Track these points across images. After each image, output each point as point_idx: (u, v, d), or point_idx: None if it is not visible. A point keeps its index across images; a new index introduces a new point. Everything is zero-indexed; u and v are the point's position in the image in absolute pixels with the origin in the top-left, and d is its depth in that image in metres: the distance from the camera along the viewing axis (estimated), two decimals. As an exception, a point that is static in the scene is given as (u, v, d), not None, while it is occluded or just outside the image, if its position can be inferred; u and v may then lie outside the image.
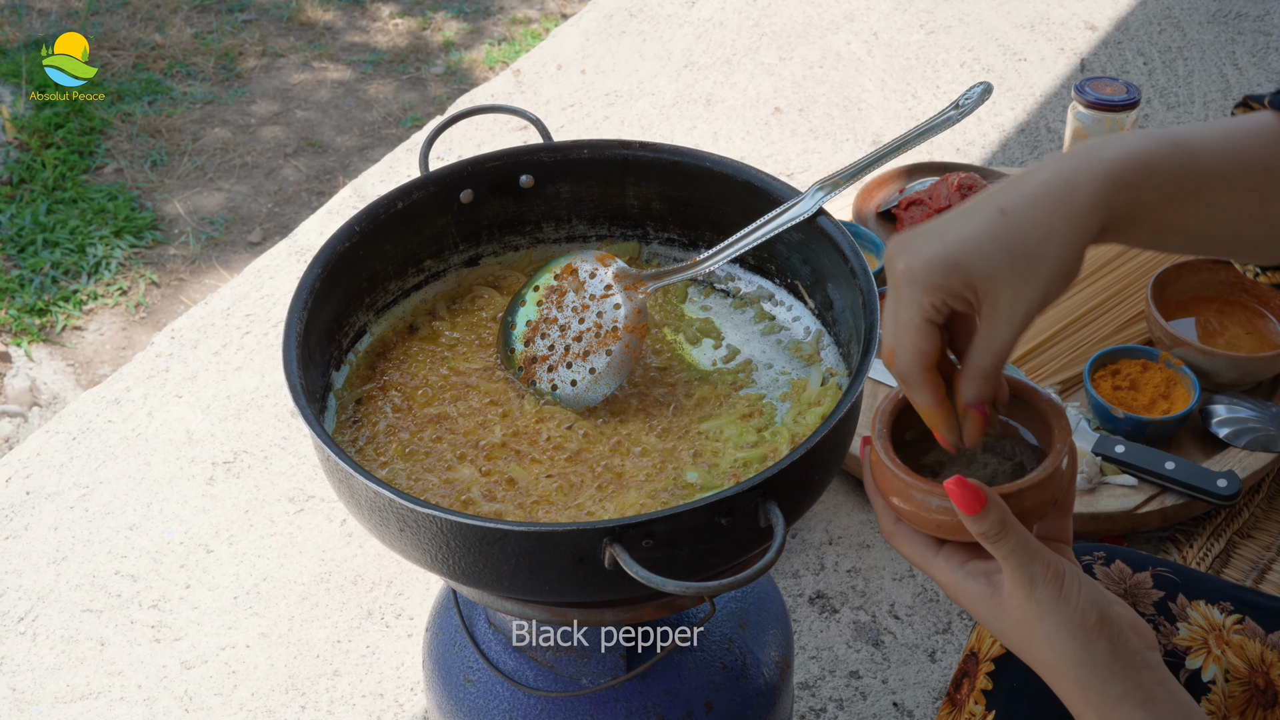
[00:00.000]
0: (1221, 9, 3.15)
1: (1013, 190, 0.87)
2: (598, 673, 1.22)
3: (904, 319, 0.89)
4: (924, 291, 0.87)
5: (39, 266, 2.93)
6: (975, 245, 0.86)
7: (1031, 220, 0.86)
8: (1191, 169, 0.88)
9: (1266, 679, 1.10)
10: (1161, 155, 0.87)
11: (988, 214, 0.86)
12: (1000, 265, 0.86)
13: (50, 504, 2.04)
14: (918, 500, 0.90)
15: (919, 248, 0.87)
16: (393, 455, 1.12)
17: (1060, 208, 0.86)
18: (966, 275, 0.86)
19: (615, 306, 1.15)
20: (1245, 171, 0.89)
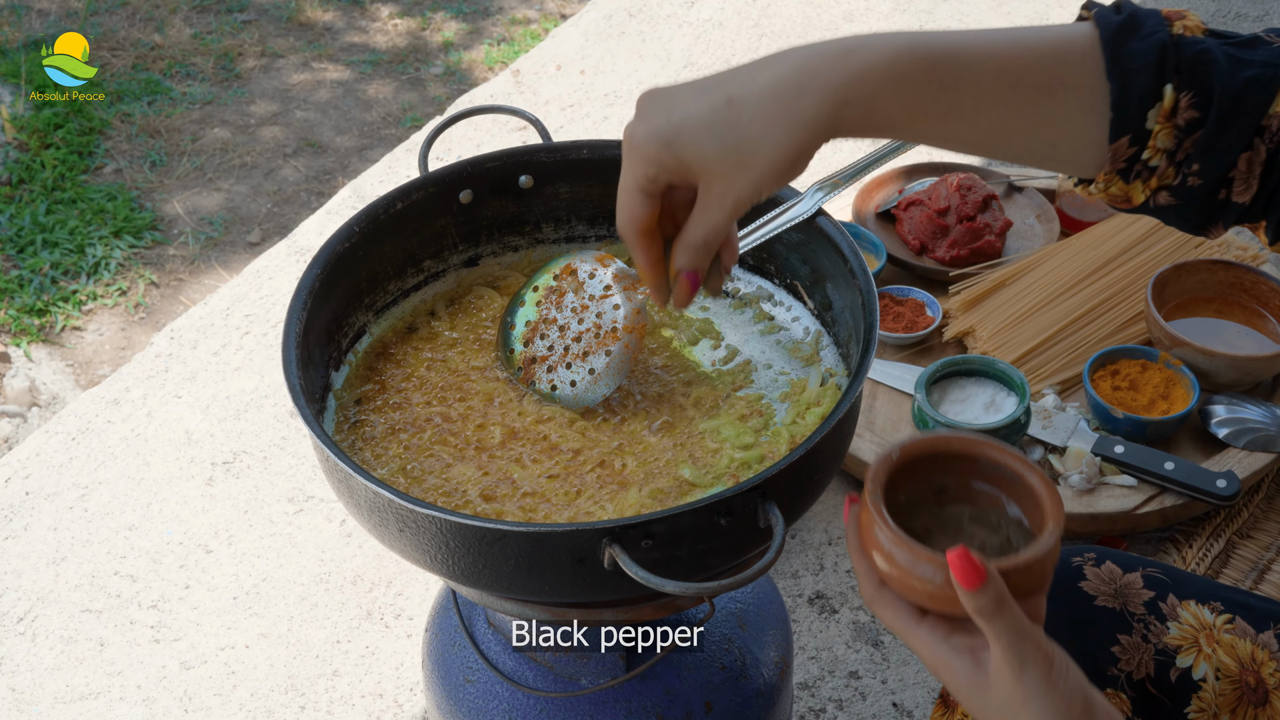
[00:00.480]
0: (1220, 9, 3.15)
1: (746, 79, 0.87)
2: (597, 673, 1.22)
3: (624, 183, 0.92)
4: (639, 163, 0.89)
5: (38, 267, 2.93)
6: (693, 130, 0.87)
7: (752, 118, 0.86)
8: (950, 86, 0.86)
9: (1257, 677, 1.10)
10: (915, 69, 0.85)
11: (715, 101, 0.87)
12: (713, 155, 0.87)
13: (49, 504, 2.04)
14: (910, 567, 0.88)
15: (648, 114, 0.89)
16: (392, 455, 1.12)
17: (785, 112, 0.85)
18: (680, 156, 0.87)
19: (614, 307, 1.15)
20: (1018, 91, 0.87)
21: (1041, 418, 1.93)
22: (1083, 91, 0.87)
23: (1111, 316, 2.09)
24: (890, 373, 2.04)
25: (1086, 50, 0.87)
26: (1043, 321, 2.08)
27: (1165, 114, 0.87)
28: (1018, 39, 0.88)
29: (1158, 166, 0.89)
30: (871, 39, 0.86)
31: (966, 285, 2.15)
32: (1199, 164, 0.88)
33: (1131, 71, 0.86)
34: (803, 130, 0.86)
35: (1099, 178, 0.91)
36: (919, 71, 0.86)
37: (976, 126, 0.89)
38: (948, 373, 1.93)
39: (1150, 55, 0.86)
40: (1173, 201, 0.91)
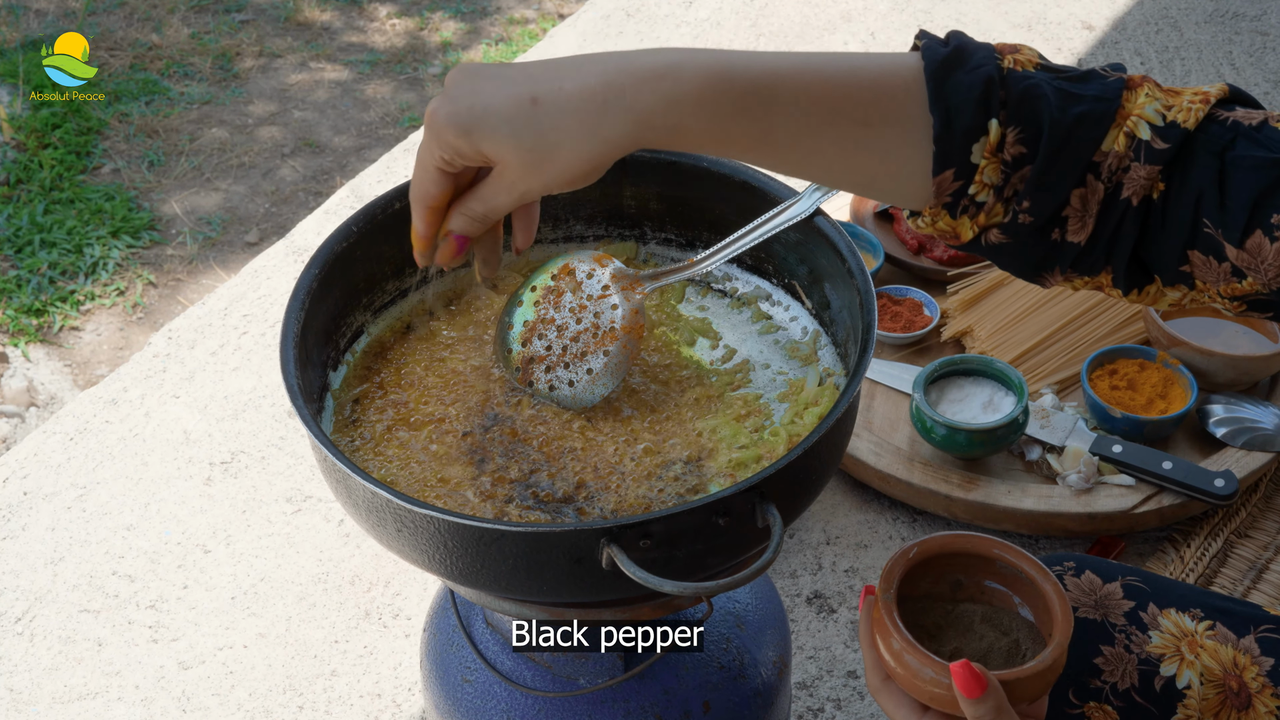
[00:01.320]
0: (1218, 9, 3.15)
1: (554, 81, 0.86)
2: (595, 673, 1.22)
3: (421, 158, 0.92)
4: (438, 144, 0.90)
5: (36, 267, 2.93)
6: (493, 123, 0.87)
7: (553, 124, 0.86)
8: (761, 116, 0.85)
9: (1240, 681, 1.11)
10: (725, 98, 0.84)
11: (520, 97, 0.86)
12: (509, 150, 0.87)
13: (48, 504, 2.04)
14: (915, 669, 0.91)
15: (454, 96, 0.89)
16: (390, 455, 1.12)
17: (585, 126, 0.85)
18: (476, 143, 0.88)
19: (613, 307, 1.15)
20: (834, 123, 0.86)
21: (1039, 417, 1.93)
22: (904, 125, 0.86)
23: (1109, 316, 2.09)
24: (888, 372, 2.04)
25: (910, 82, 0.86)
26: (1041, 321, 2.08)
27: (991, 148, 0.85)
28: (840, 68, 0.86)
29: (985, 202, 0.87)
30: (685, 61, 0.85)
31: (964, 285, 2.16)
32: (1029, 200, 0.86)
33: (955, 106, 0.85)
34: (601, 146, 0.86)
35: (925, 211, 0.90)
36: (730, 100, 0.85)
37: (790, 156, 0.88)
38: (946, 372, 1.93)
39: (975, 89, 0.85)
40: (1004, 239, 0.89)
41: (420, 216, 0.96)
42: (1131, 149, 0.85)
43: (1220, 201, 0.83)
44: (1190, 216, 0.85)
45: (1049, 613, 0.95)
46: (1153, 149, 0.84)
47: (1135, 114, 0.85)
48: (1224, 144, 0.84)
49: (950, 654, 0.97)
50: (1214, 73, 2.93)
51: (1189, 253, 0.86)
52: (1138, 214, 0.86)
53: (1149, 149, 0.84)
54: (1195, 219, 0.85)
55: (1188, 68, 2.95)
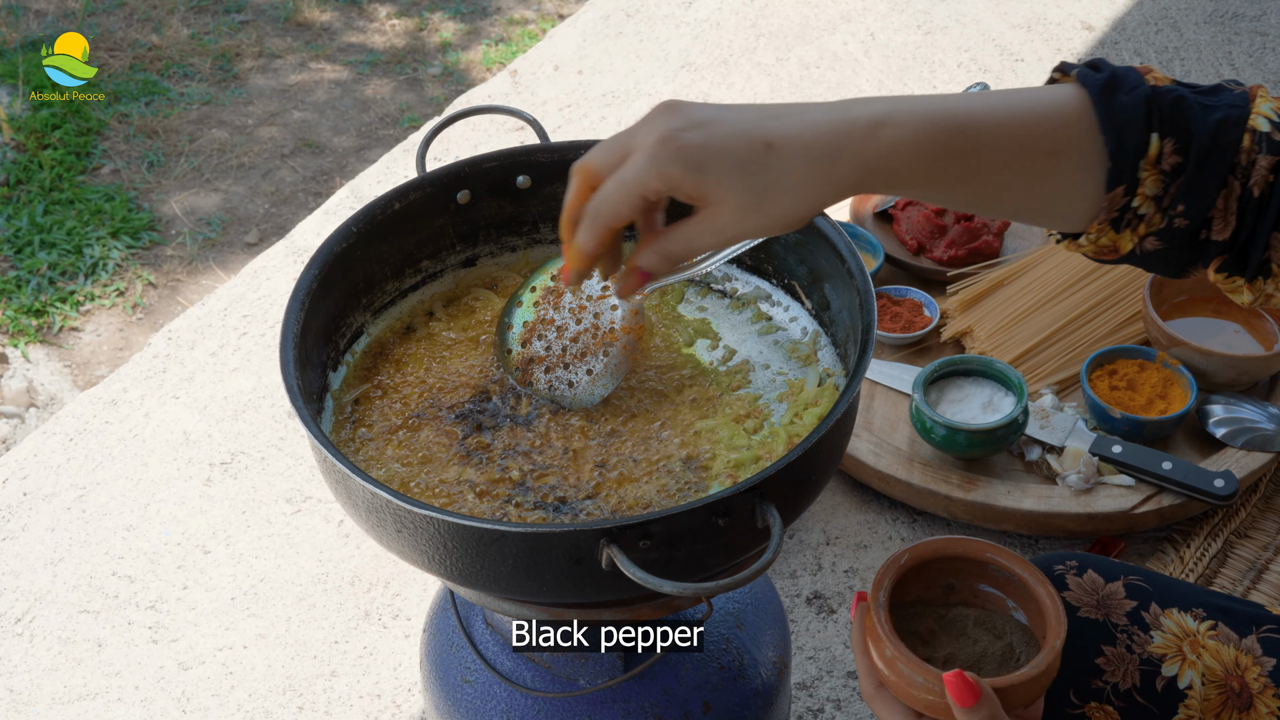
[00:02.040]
0: (1218, 9, 3.15)
1: (788, 129, 0.88)
2: (595, 673, 1.22)
3: (626, 180, 0.90)
4: (657, 175, 0.88)
5: (36, 267, 2.93)
6: (725, 164, 0.87)
7: (786, 169, 0.87)
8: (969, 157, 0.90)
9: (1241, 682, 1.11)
10: (940, 144, 0.89)
11: (754, 140, 0.87)
12: (736, 190, 0.87)
13: (47, 505, 2.04)
14: (908, 677, 0.91)
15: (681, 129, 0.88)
16: (390, 456, 1.12)
17: (819, 172, 0.87)
18: (701, 181, 0.87)
19: (612, 308, 1.15)
20: (1029, 157, 0.91)
21: (1039, 417, 1.93)
22: (1082, 149, 0.91)
23: (1109, 316, 2.09)
24: (888, 373, 2.04)
25: (1079, 109, 0.91)
26: (1040, 321, 2.08)
27: (1152, 161, 0.90)
28: (1021, 106, 0.91)
29: (1146, 214, 0.92)
30: (899, 109, 0.89)
31: (964, 285, 2.16)
32: (1184, 205, 0.91)
33: (1124, 124, 0.90)
34: (828, 191, 0.88)
35: (1090, 229, 0.94)
36: (943, 144, 0.89)
37: (986, 190, 0.92)
38: (945, 373, 1.93)
39: (1139, 108, 0.90)
40: (1159, 245, 0.94)
41: (594, 235, 0.93)
42: (1256, 143, 0.91)
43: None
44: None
45: (1042, 616, 0.96)
46: (1273, 140, 0.91)
47: (1255, 112, 0.92)
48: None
49: (944, 660, 0.97)
50: (1213, 73, 2.92)
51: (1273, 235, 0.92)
52: (1258, 204, 0.92)
53: (1269, 140, 0.91)
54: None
55: (1187, 68, 2.95)
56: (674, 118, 0.89)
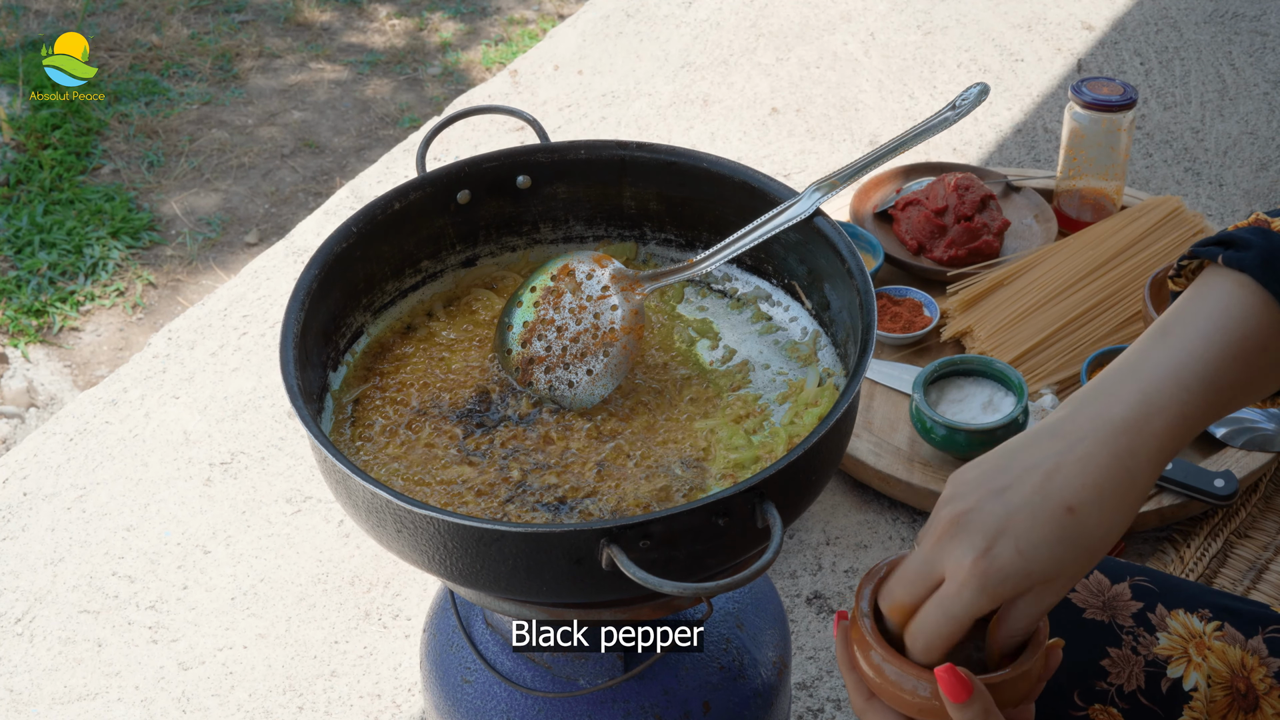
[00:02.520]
0: (1218, 9, 3.15)
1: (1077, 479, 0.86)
2: (595, 673, 1.22)
3: (953, 611, 0.87)
4: (990, 600, 0.86)
5: (36, 267, 2.93)
6: (1049, 554, 0.85)
7: (1098, 520, 0.86)
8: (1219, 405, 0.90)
9: (1248, 683, 1.11)
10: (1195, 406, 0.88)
11: (1056, 513, 0.85)
12: (1069, 564, 0.86)
13: (47, 505, 2.04)
14: (897, 680, 0.90)
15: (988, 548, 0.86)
16: (390, 456, 1.12)
17: (1125, 501, 0.86)
18: (1033, 580, 0.86)
19: (612, 308, 1.15)
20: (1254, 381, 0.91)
21: (1039, 418, 1.93)
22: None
23: (1109, 316, 2.09)
24: (888, 373, 2.04)
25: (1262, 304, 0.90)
26: (1040, 321, 2.08)
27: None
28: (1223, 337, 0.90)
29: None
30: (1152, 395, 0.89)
31: (964, 285, 2.16)
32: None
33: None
34: (1140, 503, 0.88)
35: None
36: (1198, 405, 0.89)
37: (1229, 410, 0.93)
38: (945, 373, 1.93)
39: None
40: None
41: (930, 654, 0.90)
42: None
43: None
44: None
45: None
46: None
47: None
48: None
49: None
50: (1213, 73, 2.93)
51: None
52: None
53: None
54: None
55: (1187, 68, 2.95)
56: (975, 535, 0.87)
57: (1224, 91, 2.87)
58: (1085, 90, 2.23)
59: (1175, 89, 2.90)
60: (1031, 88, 2.94)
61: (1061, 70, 3.00)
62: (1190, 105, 2.84)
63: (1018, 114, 2.86)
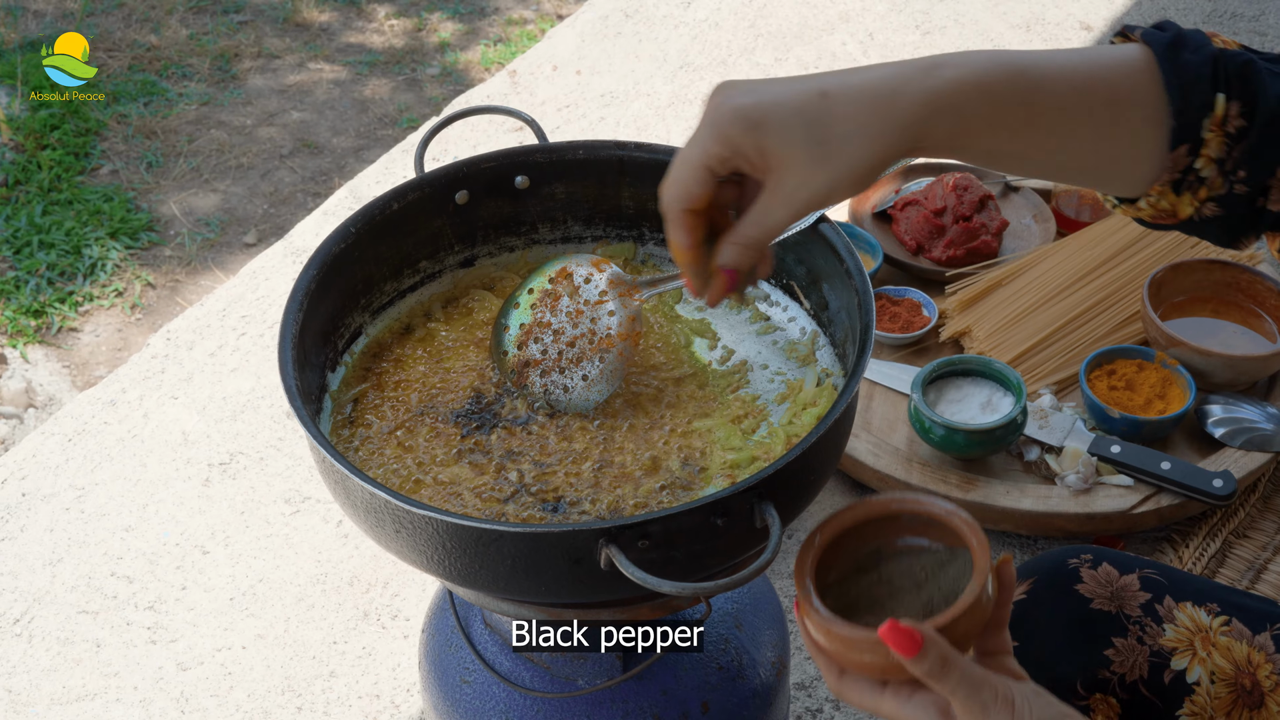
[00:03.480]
0: (1216, 9, 3.15)
1: (842, 78, 0.87)
2: (594, 673, 1.22)
3: (688, 156, 0.89)
4: (715, 139, 0.87)
5: (35, 268, 2.93)
6: (782, 113, 0.86)
7: (844, 114, 0.86)
8: (1031, 100, 0.89)
9: (1253, 680, 1.11)
10: (1001, 82, 0.88)
11: (808, 90, 0.86)
12: (797, 142, 0.86)
13: (46, 505, 2.04)
14: (853, 650, 0.89)
15: (734, 94, 0.87)
16: (388, 456, 1.12)
17: (878, 111, 0.86)
18: (761, 139, 0.86)
19: (609, 314, 1.15)
20: (1091, 106, 0.90)
21: (1038, 418, 1.93)
22: (1145, 105, 0.90)
23: (1108, 316, 2.09)
24: (887, 373, 2.04)
25: (1144, 66, 0.90)
26: (1039, 321, 2.08)
27: (1217, 122, 0.89)
28: (1083, 58, 0.91)
29: (1207, 176, 0.91)
30: (955, 55, 0.89)
31: (963, 285, 2.16)
32: (1245, 170, 0.90)
33: (1190, 81, 0.89)
34: (894, 133, 0.86)
35: (1151, 191, 0.93)
36: (1004, 84, 0.88)
37: (1051, 139, 0.91)
38: (944, 373, 1.93)
39: (1205, 67, 0.89)
40: (1219, 211, 0.93)
41: (681, 224, 0.93)
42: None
43: None
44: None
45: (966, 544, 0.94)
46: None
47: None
48: None
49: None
50: (1212, 73, 2.93)
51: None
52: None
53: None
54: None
55: (1186, 68, 2.95)
56: (726, 88, 0.88)
57: (1222, 92, 2.87)
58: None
59: (1174, 89, 2.89)
60: (1030, 88, 2.94)
61: (1060, 70, 3.00)
62: (1189, 105, 2.84)
63: (1016, 114, 2.85)
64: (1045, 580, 1.20)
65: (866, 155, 0.86)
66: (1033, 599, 1.19)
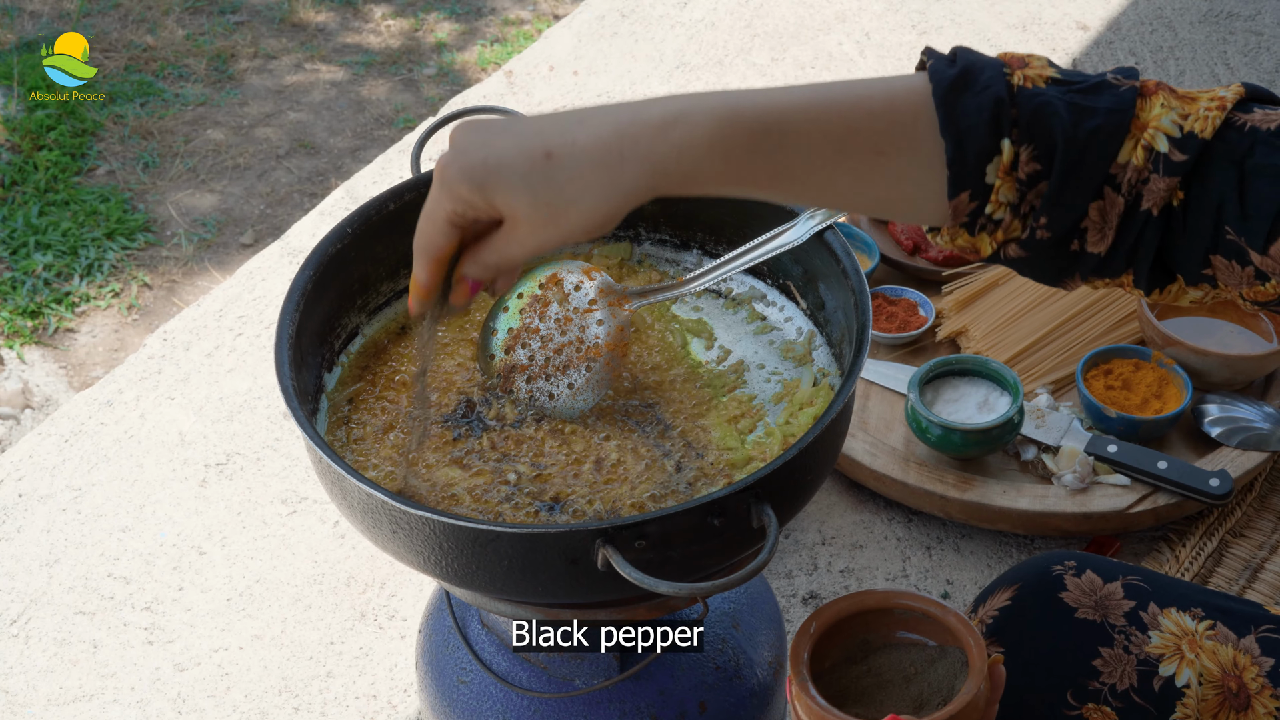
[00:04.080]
0: (1213, 9, 3.15)
1: (566, 135, 0.86)
2: (591, 673, 1.22)
3: (430, 210, 0.91)
4: (449, 198, 0.89)
5: (31, 269, 2.92)
6: (507, 178, 0.86)
7: (569, 177, 0.85)
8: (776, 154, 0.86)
9: (1239, 682, 1.11)
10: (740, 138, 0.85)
11: (534, 152, 0.86)
12: (525, 205, 0.87)
13: (43, 506, 2.04)
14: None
15: (464, 149, 0.88)
16: (385, 457, 1.12)
17: (603, 177, 0.85)
18: (490, 198, 0.87)
19: (598, 323, 1.14)
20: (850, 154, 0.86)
21: (1035, 417, 1.93)
22: (916, 150, 0.86)
23: (1104, 316, 2.09)
24: (883, 373, 2.04)
25: (919, 107, 0.85)
26: (1035, 321, 2.08)
27: (1005, 168, 0.85)
28: (848, 98, 0.86)
29: (1002, 220, 0.87)
30: (693, 106, 0.86)
31: (959, 285, 2.16)
32: (1046, 217, 0.86)
33: (966, 129, 0.84)
34: (619, 197, 0.86)
35: (944, 230, 0.90)
36: (741, 142, 0.85)
37: (807, 188, 0.88)
38: (941, 373, 1.93)
39: (985, 111, 0.84)
40: (1023, 254, 0.89)
41: (424, 267, 0.95)
42: (1150, 161, 0.84)
43: (1241, 210, 0.83)
44: (1212, 224, 0.84)
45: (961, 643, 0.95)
46: (1171, 161, 0.84)
47: (1152, 125, 0.85)
48: (1243, 152, 0.83)
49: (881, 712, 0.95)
50: (1208, 72, 2.93)
51: (1211, 257, 0.86)
52: (1159, 223, 0.86)
53: (1167, 161, 0.84)
54: (1217, 226, 0.84)
55: (1182, 67, 2.96)
56: (459, 139, 0.89)
57: (1219, 91, 2.87)
58: (1080, 90, 2.23)
59: (1170, 89, 2.90)
60: (1027, 88, 2.94)
61: (1056, 70, 3.00)
62: (1185, 105, 2.84)
63: (1013, 114, 2.85)
64: (1029, 588, 1.20)
65: (595, 216, 0.86)
66: (1017, 608, 1.18)
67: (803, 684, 0.92)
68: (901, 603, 0.98)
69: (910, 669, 0.97)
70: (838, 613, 0.98)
